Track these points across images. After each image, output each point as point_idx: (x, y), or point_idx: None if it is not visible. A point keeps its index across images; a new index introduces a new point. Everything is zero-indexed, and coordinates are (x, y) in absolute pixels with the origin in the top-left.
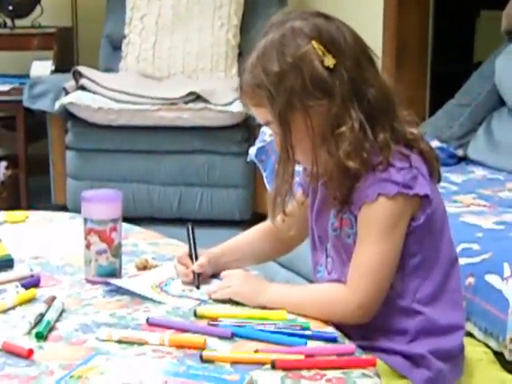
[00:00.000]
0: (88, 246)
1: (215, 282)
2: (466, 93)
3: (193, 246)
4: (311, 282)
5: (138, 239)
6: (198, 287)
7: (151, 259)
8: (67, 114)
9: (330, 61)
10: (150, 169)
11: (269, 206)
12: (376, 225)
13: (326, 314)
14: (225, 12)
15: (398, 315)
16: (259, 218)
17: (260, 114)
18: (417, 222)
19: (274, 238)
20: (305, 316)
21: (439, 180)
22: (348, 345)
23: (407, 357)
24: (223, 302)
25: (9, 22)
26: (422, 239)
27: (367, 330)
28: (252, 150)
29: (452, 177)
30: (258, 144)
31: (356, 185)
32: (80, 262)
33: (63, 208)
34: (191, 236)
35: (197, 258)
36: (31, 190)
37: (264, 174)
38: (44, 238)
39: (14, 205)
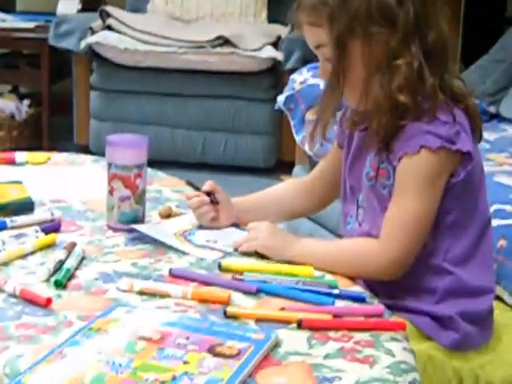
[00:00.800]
0: (111, 192)
1: (241, 233)
2: (501, 48)
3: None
4: (337, 235)
5: (162, 185)
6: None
7: (175, 207)
8: (93, 54)
9: None
10: (175, 112)
11: (308, 133)
12: (415, 178)
13: (356, 268)
14: None
15: (428, 274)
16: (284, 165)
17: (313, 35)
18: (456, 178)
19: (306, 195)
20: (333, 272)
21: (480, 139)
22: (377, 306)
23: (434, 318)
24: (249, 255)
25: None
26: (459, 197)
27: (395, 288)
28: (280, 98)
29: (484, 134)
30: (287, 92)
31: (399, 123)
32: (102, 208)
33: (85, 149)
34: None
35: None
36: (53, 129)
37: (292, 123)
38: (66, 181)
39: (35, 144)
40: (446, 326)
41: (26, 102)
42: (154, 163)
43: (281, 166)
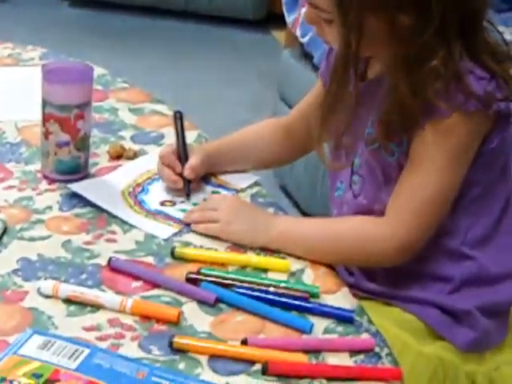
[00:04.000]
0: (46, 136)
1: (205, 189)
2: None
3: (181, 142)
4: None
5: (118, 100)
6: (188, 196)
7: (129, 141)
8: None
9: None
10: None
11: (316, 134)
12: (442, 148)
13: (356, 256)
14: None
15: (442, 259)
16: (275, 18)
17: None
18: (488, 145)
19: (281, 139)
20: (321, 259)
21: None
22: (365, 339)
23: (447, 312)
24: None
25: None
26: (488, 167)
27: (398, 274)
28: None
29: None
30: None
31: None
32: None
33: None
34: (179, 128)
35: (186, 158)
36: None
37: (283, 0)
38: (3, 90)
39: None
40: (462, 322)
41: None
42: (132, 9)
43: (272, 19)
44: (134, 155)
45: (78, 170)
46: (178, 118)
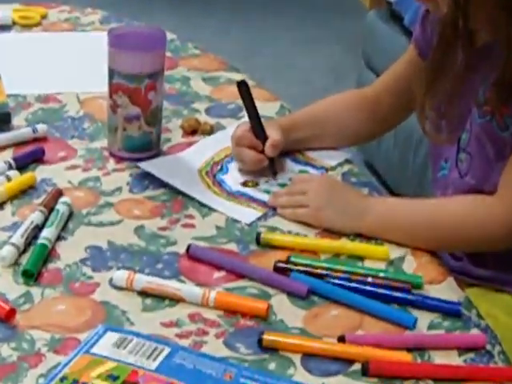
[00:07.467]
0: (113, 109)
1: (293, 167)
2: None
3: (254, 117)
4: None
5: (190, 68)
6: (275, 174)
7: (204, 114)
8: None
9: None
10: None
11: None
12: None
13: (465, 239)
14: None
15: None
16: None
17: None
18: None
19: (366, 112)
20: (425, 246)
21: None
22: (475, 334)
23: None
24: None
25: None
26: None
27: (510, 258)
28: None
29: None
30: None
31: None
32: (105, 113)
33: None
34: (247, 100)
35: (264, 135)
36: None
37: None
38: (62, 58)
39: None
40: None
41: None
42: None
43: None
44: (211, 130)
45: (149, 147)
46: (244, 88)
